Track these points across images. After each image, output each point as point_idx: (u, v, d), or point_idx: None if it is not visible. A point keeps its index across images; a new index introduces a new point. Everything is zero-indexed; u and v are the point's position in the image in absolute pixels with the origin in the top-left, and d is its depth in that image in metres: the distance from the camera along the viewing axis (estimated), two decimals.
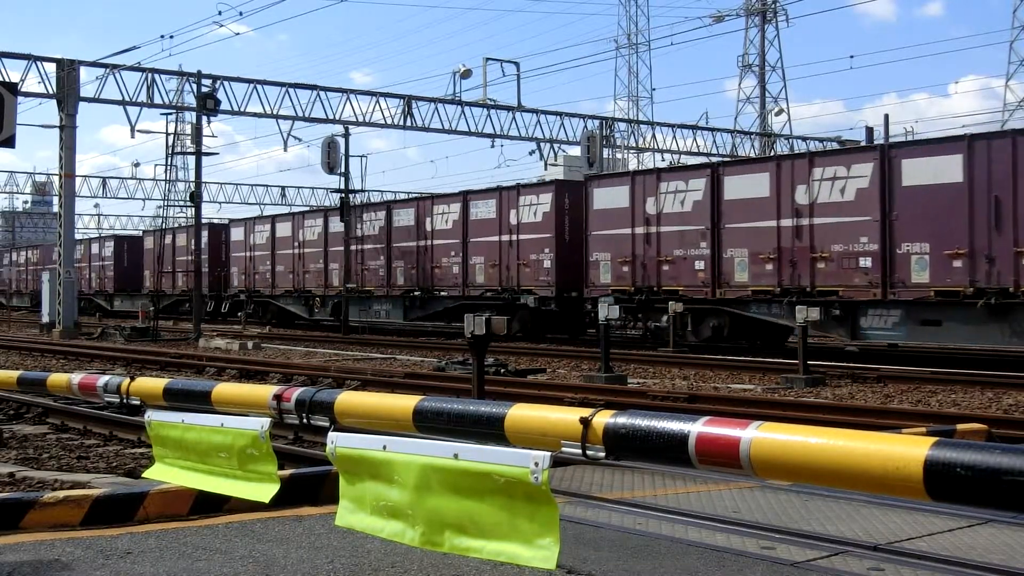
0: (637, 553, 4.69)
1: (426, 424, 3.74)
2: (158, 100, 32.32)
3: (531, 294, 26.34)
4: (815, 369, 16.42)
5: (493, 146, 37.69)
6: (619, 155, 41.85)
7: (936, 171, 17.94)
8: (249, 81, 33.26)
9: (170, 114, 34.44)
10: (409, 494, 3.30)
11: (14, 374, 6.71)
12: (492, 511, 3.07)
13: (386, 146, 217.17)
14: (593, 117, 40.00)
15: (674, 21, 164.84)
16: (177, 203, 43.72)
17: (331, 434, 3.60)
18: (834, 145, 39.30)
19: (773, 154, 35.65)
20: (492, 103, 36.51)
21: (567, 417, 3.27)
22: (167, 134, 35.51)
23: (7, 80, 27.82)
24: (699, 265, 22.05)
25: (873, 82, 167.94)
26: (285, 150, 69.03)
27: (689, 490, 6.32)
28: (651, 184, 23.22)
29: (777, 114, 53.21)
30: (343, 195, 33.33)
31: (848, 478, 2.61)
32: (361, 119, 34.99)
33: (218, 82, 32.34)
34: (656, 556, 4.63)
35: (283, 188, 70.42)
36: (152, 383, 5.37)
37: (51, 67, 30.44)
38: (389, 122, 35.64)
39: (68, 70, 30.43)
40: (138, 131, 32.38)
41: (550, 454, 2.96)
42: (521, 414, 3.42)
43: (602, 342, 16.04)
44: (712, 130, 43.85)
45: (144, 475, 5.20)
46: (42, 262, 54.54)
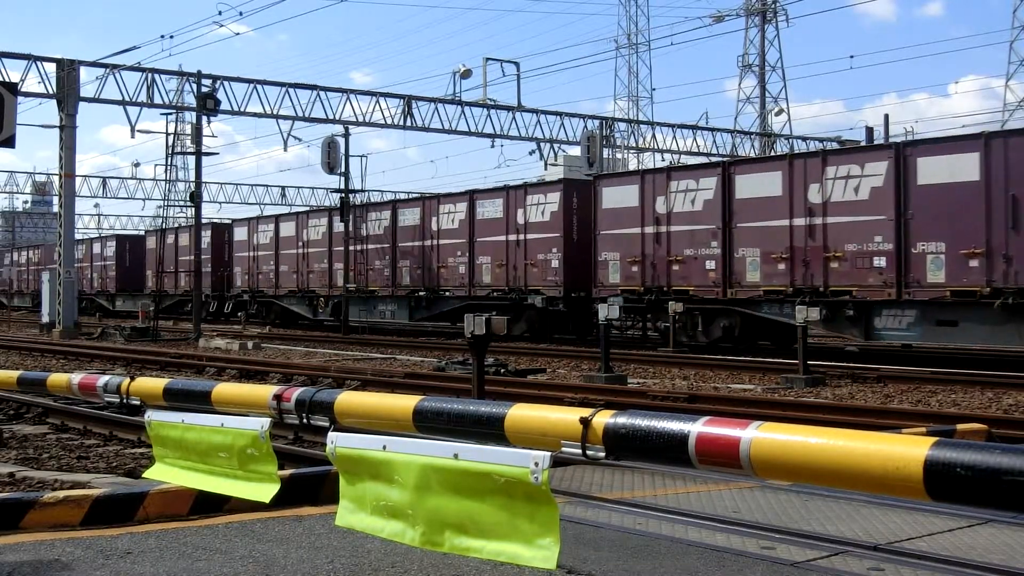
0: (637, 553, 4.68)
1: (426, 424, 3.74)
2: (158, 100, 32.36)
3: (539, 294, 26.08)
4: (815, 369, 16.43)
5: (493, 146, 37.76)
6: (619, 155, 41.86)
7: (952, 169, 17.72)
8: (249, 81, 33.28)
9: (170, 114, 34.45)
10: (409, 494, 3.30)
11: (14, 374, 6.71)
12: (492, 511, 3.07)
13: (386, 146, 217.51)
14: (593, 117, 40.04)
15: (674, 21, 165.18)
16: (177, 203, 43.77)
17: (331, 434, 3.60)
18: (834, 145, 39.26)
19: (786, 152, 35.51)
20: (492, 103, 36.52)
21: (567, 417, 3.27)
22: (167, 134, 35.49)
23: (7, 80, 27.82)
24: (710, 265, 21.80)
25: (873, 82, 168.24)
26: (285, 150, 69.21)
27: (689, 490, 6.32)
28: (661, 183, 22.97)
29: (777, 114, 53.26)
30: (343, 195, 33.34)
31: (848, 478, 2.61)
32: (361, 119, 35.01)
33: (218, 82, 32.35)
34: (656, 556, 4.63)
35: (283, 188, 70.59)
36: (152, 383, 5.37)
37: (51, 67, 30.47)
38: (389, 122, 35.65)
39: (68, 70, 30.44)
40: (138, 131, 32.44)
41: (550, 454, 2.96)
42: (521, 414, 3.42)
43: (602, 342, 16.06)
44: (712, 130, 43.90)
45: (144, 475, 5.20)
46: (43, 262, 54.47)
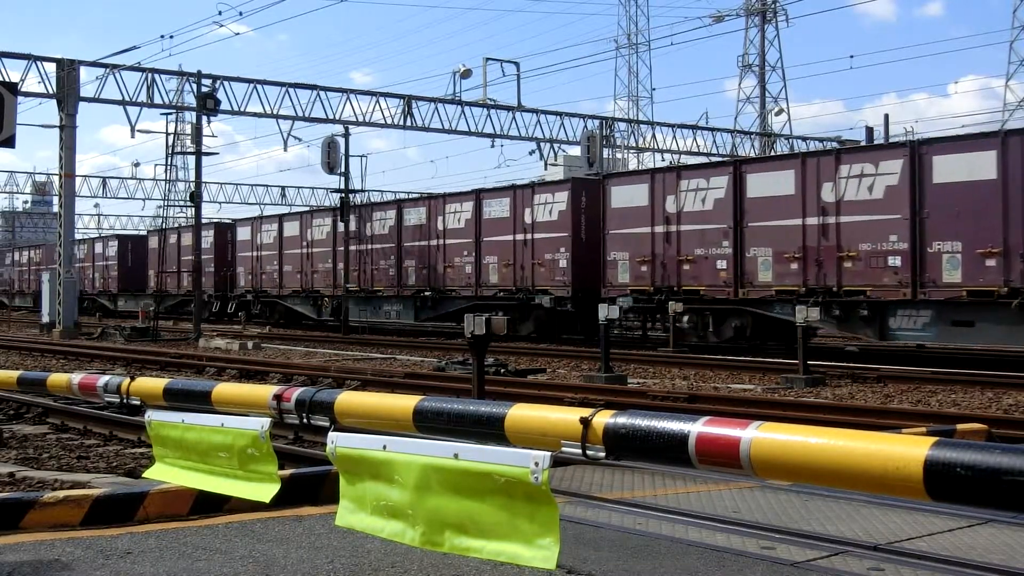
0: (637, 553, 4.68)
1: (426, 424, 3.74)
2: (158, 100, 32.36)
3: (546, 294, 25.81)
4: (815, 369, 16.42)
5: (493, 146, 37.76)
6: (619, 155, 41.88)
7: (969, 168, 17.47)
8: (249, 81, 33.28)
9: (170, 114, 34.50)
10: (409, 494, 3.30)
11: (14, 374, 6.71)
12: (492, 511, 3.07)
13: (386, 146, 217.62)
14: (593, 117, 40.04)
15: (674, 21, 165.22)
16: (177, 203, 43.80)
17: (331, 434, 3.60)
18: (834, 145, 39.26)
19: (799, 151, 35.35)
20: (492, 103, 36.52)
21: (567, 417, 3.27)
22: (167, 134, 35.58)
23: (7, 80, 27.82)
24: (721, 264, 21.59)
25: (873, 82, 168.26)
26: (285, 150, 69.18)
27: (689, 490, 6.32)
28: (671, 182, 22.75)
29: (777, 114, 53.25)
30: (343, 195, 33.35)
31: (848, 478, 2.60)
32: (361, 119, 35.01)
33: (218, 82, 32.36)
34: (656, 556, 4.63)
35: (283, 188, 70.57)
36: (152, 383, 5.36)
37: (51, 67, 30.47)
38: (389, 122, 35.65)
39: (68, 70, 30.44)
40: (138, 131, 32.45)
41: (550, 454, 2.96)
42: (521, 414, 3.41)
43: (602, 342, 16.06)
44: (712, 130, 43.91)
45: (144, 475, 5.20)
46: (45, 262, 54.38)
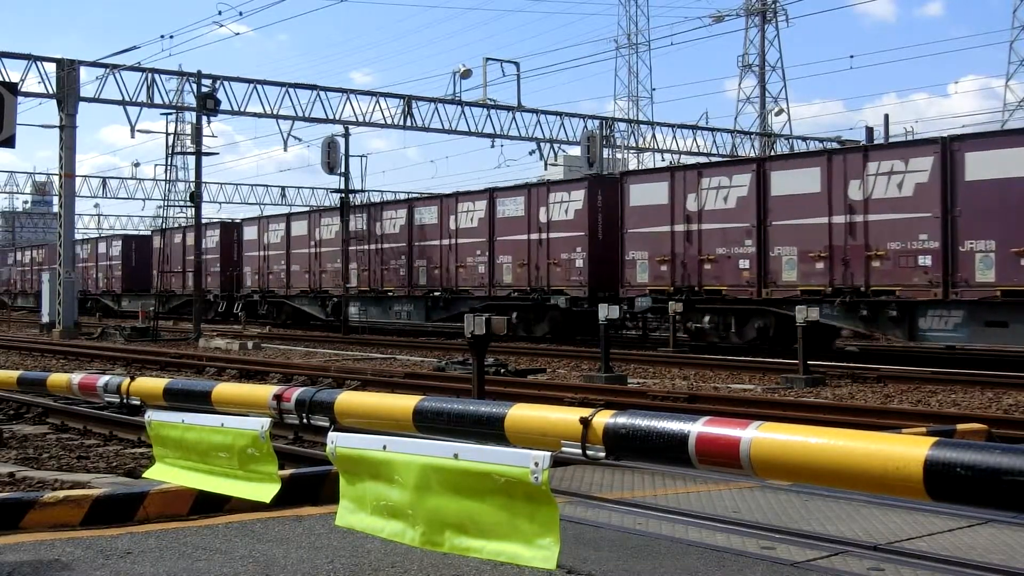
0: (637, 553, 4.68)
1: (426, 424, 3.74)
2: (158, 100, 32.35)
3: (562, 294, 25.38)
4: (815, 369, 16.41)
5: (493, 146, 37.75)
6: (619, 155, 41.86)
7: (1002, 165, 17.02)
8: (249, 81, 33.28)
9: (170, 114, 34.44)
10: (409, 494, 3.30)
11: (14, 374, 6.71)
12: (492, 511, 3.07)
13: (386, 146, 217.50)
14: (593, 117, 40.03)
15: (674, 21, 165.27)
16: (177, 203, 43.68)
17: (331, 434, 3.59)
18: (834, 145, 39.27)
19: (824, 147, 35.17)
20: (492, 103, 36.51)
21: (567, 417, 3.27)
22: (167, 134, 35.48)
23: (7, 80, 27.83)
24: (744, 264, 21.07)
25: (873, 82, 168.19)
26: (285, 150, 69.19)
27: (689, 490, 6.32)
28: (692, 180, 22.24)
29: (777, 114, 53.27)
30: (343, 195, 33.35)
31: (848, 478, 2.60)
32: (361, 119, 35.00)
33: (218, 82, 32.36)
34: (656, 556, 4.63)
35: (283, 188, 70.59)
36: (152, 383, 5.36)
37: (51, 67, 30.46)
38: (389, 122, 35.65)
39: (68, 70, 30.44)
40: (138, 131, 32.43)
41: (550, 454, 2.96)
42: (521, 414, 3.41)
43: (602, 342, 16.05)
44: (712, 130, 43.90)
45: (144, 475, 5.20)
46: (47, 262, 54.26)
